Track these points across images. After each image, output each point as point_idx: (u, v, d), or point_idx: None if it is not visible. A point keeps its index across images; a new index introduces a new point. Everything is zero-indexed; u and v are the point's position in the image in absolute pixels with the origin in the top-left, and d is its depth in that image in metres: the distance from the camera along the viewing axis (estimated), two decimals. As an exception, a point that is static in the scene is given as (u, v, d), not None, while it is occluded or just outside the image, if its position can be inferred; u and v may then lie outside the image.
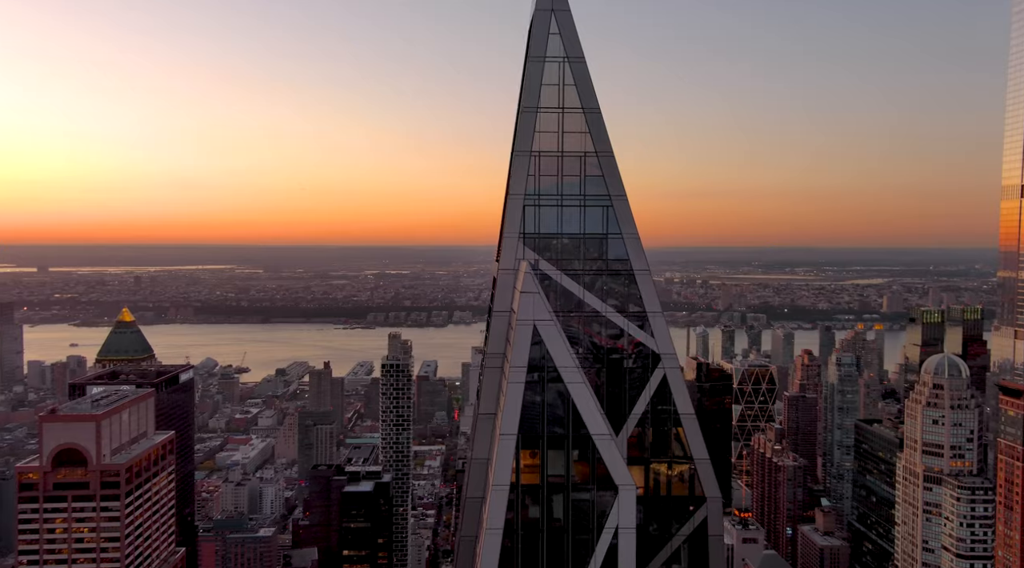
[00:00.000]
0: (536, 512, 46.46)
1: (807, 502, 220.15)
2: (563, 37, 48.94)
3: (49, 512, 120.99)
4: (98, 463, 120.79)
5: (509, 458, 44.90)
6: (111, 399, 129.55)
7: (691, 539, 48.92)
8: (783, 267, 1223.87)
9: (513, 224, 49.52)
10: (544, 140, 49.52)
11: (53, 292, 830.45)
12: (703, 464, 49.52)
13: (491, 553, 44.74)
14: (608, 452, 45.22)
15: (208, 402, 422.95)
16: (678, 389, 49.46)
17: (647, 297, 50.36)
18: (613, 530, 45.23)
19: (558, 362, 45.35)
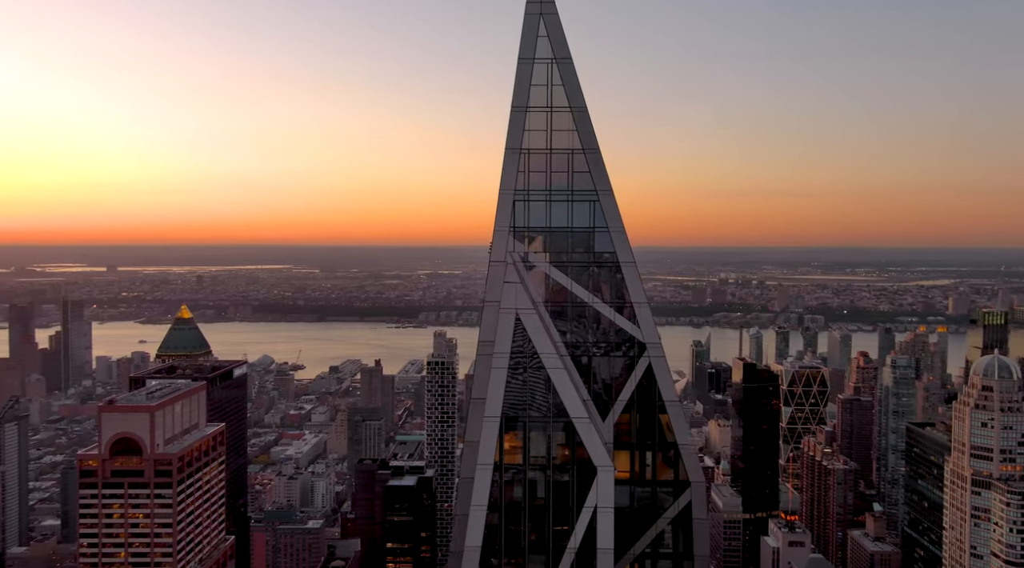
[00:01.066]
0: (520, 491, 48.28)
1: (858, 507, 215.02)
2: (551, 39, 50.98)
3: (107, 498, 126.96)
4: (152, 452, 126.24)
5: (493, 439, 47.18)
6: (165, 391, 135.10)
7: (676, 521, 50.24)
8: (843, 267, 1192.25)
9: (504, 218, 51.68)
10: (534, 138, 51.49)
11: (120, 291, 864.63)
12: (687, 449, 50.98)
13: (476, 528, 46.97)
14: (587, 435, 47.04)
15: (264, 398, 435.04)
16: (663, 376, 50.96)
17: (632, 288, 51.76)
18: (592, 509, 46.87)
19: (540, 349, 47.27)
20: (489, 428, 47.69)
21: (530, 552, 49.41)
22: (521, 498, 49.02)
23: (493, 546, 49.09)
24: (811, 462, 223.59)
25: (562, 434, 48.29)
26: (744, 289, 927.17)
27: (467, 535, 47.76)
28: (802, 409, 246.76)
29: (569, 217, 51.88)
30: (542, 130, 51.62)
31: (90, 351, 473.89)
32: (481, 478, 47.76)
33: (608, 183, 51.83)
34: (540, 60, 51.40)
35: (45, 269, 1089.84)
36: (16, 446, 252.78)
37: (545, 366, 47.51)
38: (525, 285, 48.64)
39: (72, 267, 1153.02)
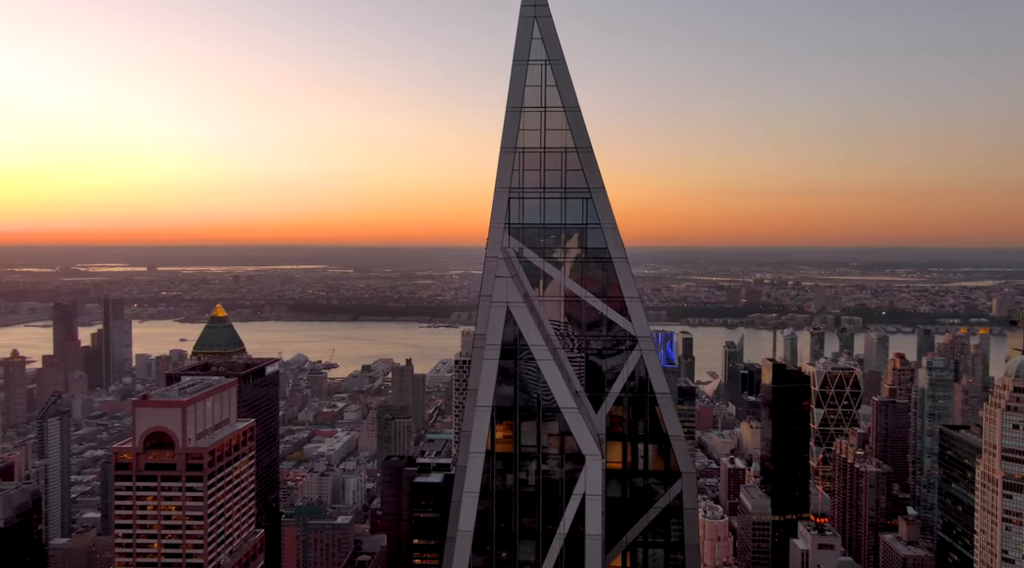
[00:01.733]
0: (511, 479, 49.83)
1: (891, 510, 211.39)
2: (545, 41, 52.44)
3: (141, 490, 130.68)
4: (184, 446, 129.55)
5: (484, 428, 49.00)
6: (196, 387, 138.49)
7: (667, 511, 51.44)
8: (883, 268, 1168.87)
9: (499, 215, 53.10)
10: (528, 137, 52.93)
11: (160, 290, 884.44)
12: (678, 441, 51.75)
13: (468, 514, 48.91)
14: (575, 424, 48.22)
15: (298, 396, 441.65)
16: (654, 369, 51.65)
17: (625, 283, 52.65)
18: (581, 496, 48.22)
19: (530, 341, 48.73)
20: (480, 417, 49.29)
21: (520, 538, 50.67)
22: (512, 486, 50.32)
23: (485, 532, 50.61)
24: (843, 465, 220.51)
25: (552, 424, 49.55)
26: (780, 290, 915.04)
27: (459, 520, 49.38)
28: (834, 411, 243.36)
29: (563, 214, 53.12)
30: (536, 129, 53.01)
31: (130, 349, 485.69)
32: (472, 466, 49.55)
33: (600, 181, 52.95)
34: (534, 62, 52.80)
35: (89, 269, 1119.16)
36: (59, 440, 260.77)
37: (535, 358, 48.65)
38: (518, 279, 50.16)
39: (114, 267, 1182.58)
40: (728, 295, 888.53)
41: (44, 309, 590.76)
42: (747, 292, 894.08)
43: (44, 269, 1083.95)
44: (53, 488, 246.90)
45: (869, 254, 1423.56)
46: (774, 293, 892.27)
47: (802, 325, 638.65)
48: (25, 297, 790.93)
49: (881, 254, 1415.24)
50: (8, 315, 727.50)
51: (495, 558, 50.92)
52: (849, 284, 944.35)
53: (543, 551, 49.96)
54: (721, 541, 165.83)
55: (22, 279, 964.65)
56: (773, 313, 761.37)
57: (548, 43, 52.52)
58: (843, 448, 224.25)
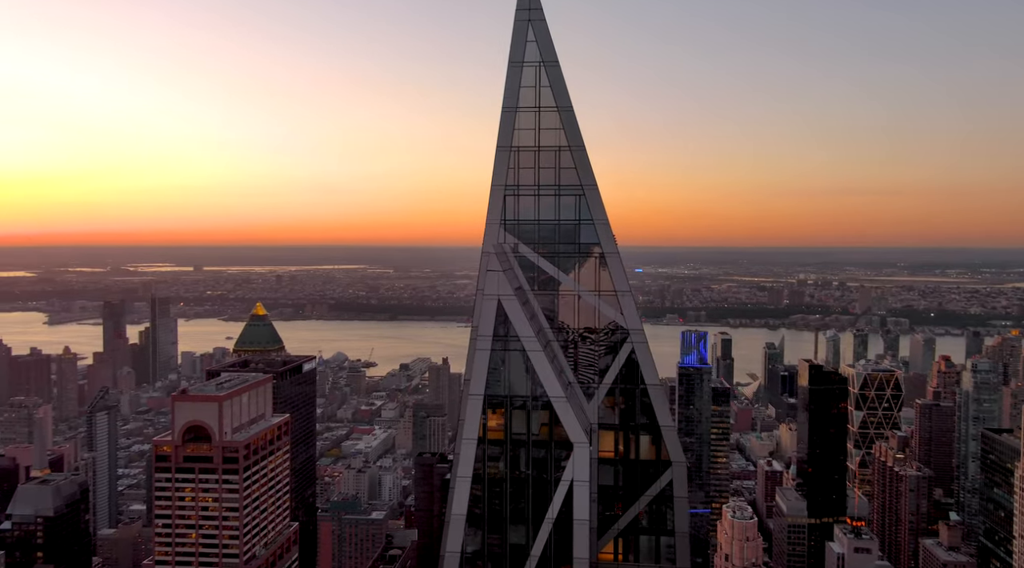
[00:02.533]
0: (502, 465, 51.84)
1: (932, 515, 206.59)
2: (539, 44, 54.18)
3: (180, 482, 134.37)
4: (220, 439, 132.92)
5: (477, 415, 51.04)
6: (233, 382, 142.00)
7: (658, 499, 53.07)
8: (932, 268, 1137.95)
9: (495, 212, 55.16)
10: (523, 136, 54.80)
11: (205, 289, 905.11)
12: (669, 431, 53.13)
13: (461, 498, 51.32)
14: (564, 412, 49.73)
15: (337, 394, 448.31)
16: (645, 361, 53.08)
17: (617, 277, 54.19)
18: (569, 482, 50.03)
19: (519, 332, 50.36)
20: (472, 405, 51.27)
21: (511, 522, 52.44)
22: (503, 471, 52.11)
23: (478, 515, 52.59)
24: (882, 468, 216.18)
25: (541, 412, 51.12)
26: (823, 290, 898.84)
27: (453, 504, 51.60)
28: (874, 413, 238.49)
29: (556, 210, 54.76)
30: (531, 129, 54.78)
31: (176, 346, 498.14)
32: (465, 451, 51.49)
33: (593, 178, 54.45)
34: (529, 63, 54.50)
35: (137, 268, 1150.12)
36: (106, 434, 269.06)
37: (525, 349, 50.26)
38: (512, 273, 52.03)
39: (162, 267, 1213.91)
40: (770, 296, 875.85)
41: (95, 307, 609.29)
42: (789, 293, 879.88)
43: (95, 269, 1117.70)
44: (101, 480, 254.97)
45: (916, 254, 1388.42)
46: (817, 294, 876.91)
47: (846, 326, 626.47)
48: (77, 296, 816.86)
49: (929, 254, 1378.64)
50: (61, 313, 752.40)
51: (487, 541, 52.56)
52: (896, 285, 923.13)
53: (533, 535, 51.55)
54: (750, 541, 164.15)
55: (75, 278, 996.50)
56: (816, 314, 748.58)
57: (542, 45, 54.14)
58: (883, 451, 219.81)
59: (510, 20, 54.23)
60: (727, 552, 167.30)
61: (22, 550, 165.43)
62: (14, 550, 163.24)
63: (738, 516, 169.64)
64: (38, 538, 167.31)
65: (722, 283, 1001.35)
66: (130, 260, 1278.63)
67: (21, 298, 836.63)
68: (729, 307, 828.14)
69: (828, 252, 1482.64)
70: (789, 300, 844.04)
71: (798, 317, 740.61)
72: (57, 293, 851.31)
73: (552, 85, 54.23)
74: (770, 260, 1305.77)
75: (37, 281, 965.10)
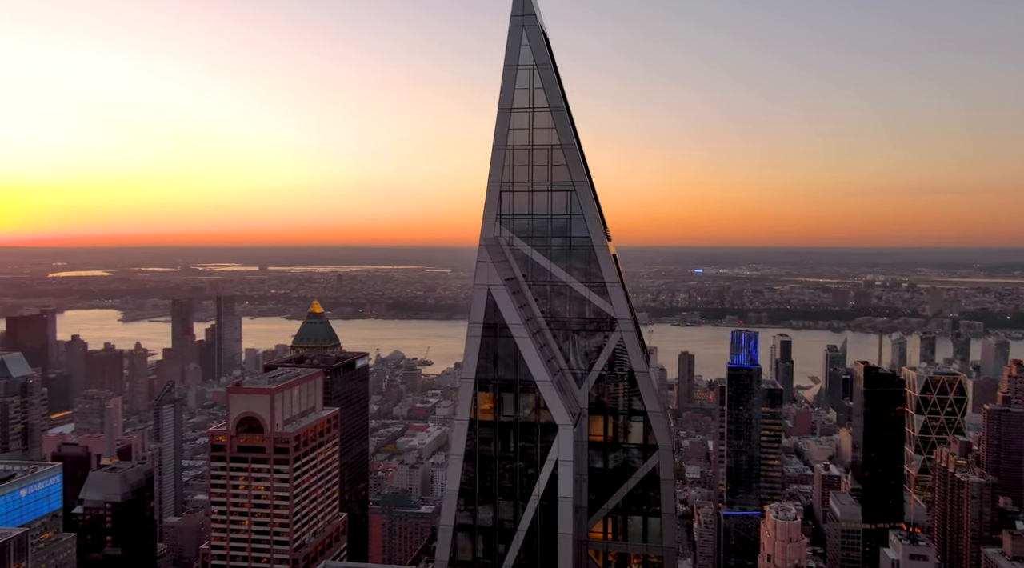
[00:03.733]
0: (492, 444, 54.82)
1: (997, 523, 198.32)
2: (532, 48, 56.86)
3: (234, 470, 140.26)
4: (272, 430, 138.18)
5: (468, 397, 54.83)
6: (285, 376, 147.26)
7: (645, 481, 55.44)
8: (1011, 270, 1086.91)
9: (491, 207, 58.19)
10: (518, 135, 57.54)
11: (270, 288, 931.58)
12: (656, 416, 55.08)
13: (454, 474, 54.54)
14: (549, 396, 52.12)
15: (393, 391, 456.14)
16: (633, 349, 55.08)
17: (605, 269, 56.81)
18: (554, 461, 52.66)
19: (508, 320, 53.30)
20: (465, 388, 55.12)
21: (500, 498, 55.15)
22: (492, 450, 54.90)
23: (469, 491, 55.58)
24: (943, 474, 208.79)
25: (529, 396, 53.57)
26: (892, 292, 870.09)
27: (447, 480, 54.82)
28: (936, 418, 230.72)
29: (549, 205, 57.37)
30: (525, 128, 57.49)
31: (240, 343, 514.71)
32: (458, 431, 54.71)
33: (583, 174, 56.69)
34: (523, 66, 57.24)
35: (206, 268, 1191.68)
36: (172, 426, 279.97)
37: (513, 335, 52.91)
38: (506, 265, 54.97)
39: (229, 266, 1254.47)
40: (835, 297, 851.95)
41: (165, 306, 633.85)
42: (856, 294, 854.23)
43: (167, 269, 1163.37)
44: (167, 470, 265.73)
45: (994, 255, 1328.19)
46: (886, 295, 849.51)
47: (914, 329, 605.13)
48: (149, 294, 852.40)
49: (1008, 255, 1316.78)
50: (135, 311, 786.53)
51: (477, 515, 55.37)
52: (970, 287, 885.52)
53: (521, 511, 54.16)
54: (793, 542, 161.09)
55: (148, 278, 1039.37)
56: (883, 316, 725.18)
57: (535, 49, 56.92)
58: (944, 457, 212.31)
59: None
60: (769, 552, 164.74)
61: (93, 533, 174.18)
62: (85, 533, 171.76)
63: (780, 517, 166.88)
64: (107, 522, 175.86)
65: (785, 284, 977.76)
66: (200, 260, 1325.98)
67: (98, 296, 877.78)
68: (791, 309, 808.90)
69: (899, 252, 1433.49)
70: (855, 302, 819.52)
71: (864, 319, 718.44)
72: (131, 292, 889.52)
73: (545, 86, 56.65)
74: (837, 261, 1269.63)
75: (113, 280, 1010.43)
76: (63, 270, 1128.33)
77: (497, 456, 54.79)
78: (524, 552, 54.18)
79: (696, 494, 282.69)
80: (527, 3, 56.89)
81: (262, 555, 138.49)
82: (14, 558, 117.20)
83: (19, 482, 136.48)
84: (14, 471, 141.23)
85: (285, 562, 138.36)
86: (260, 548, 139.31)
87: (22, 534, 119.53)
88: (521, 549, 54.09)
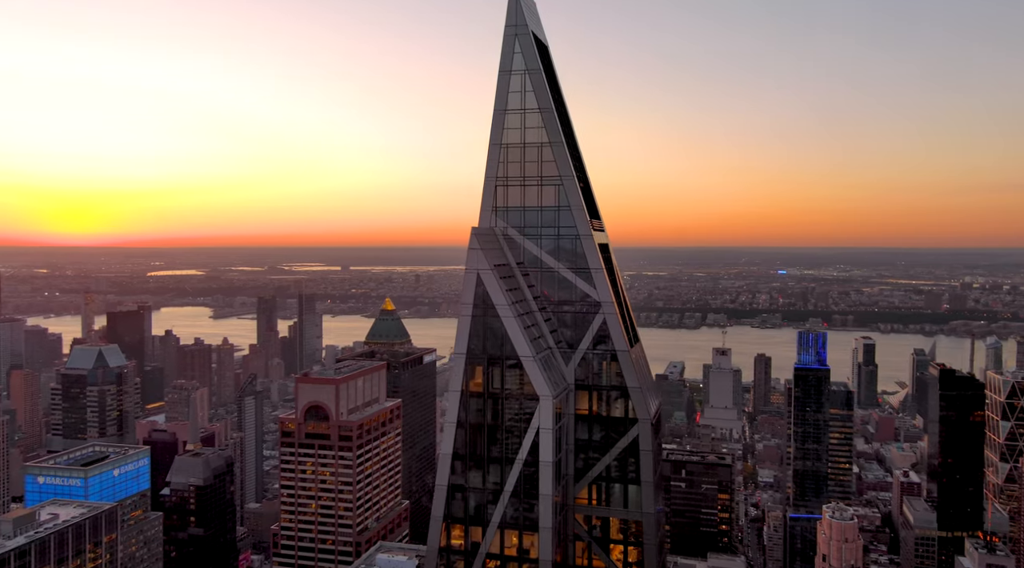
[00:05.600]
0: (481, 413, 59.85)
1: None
2: (524, 55, 62.34)
3: (301, 456, 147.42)
4: (336, 419, 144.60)
5: (460, 371, 59.25)
6: (350, 368, 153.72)
7: (626, 451, 59.24)
8: None
9: (488, 200, 63.74)
10: (511, 135, 62.80)
11: (351, 288, 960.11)
12: (635, 392, 58.72)
13: (448, 439, 59.66)
14: (532, 370, 56.58)
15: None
16: (615, 330, 59.51)
17: (590, 256, 61.23)
18: (536, 429, 56.99)
19: (495, 301, 58.24)
20: (457, 363, 59.14)
21: (488, 462, 59.76)
22: (481, 419, 59.68)
23: (461, 455, 60.49)
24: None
25: (514, 370, 57.86)
26: (992, 295, 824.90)
27: (442, 445, 59.38)
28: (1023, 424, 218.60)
29: (539, 198, 62.43)
30: (517, 128, 62.72)
31: (320, 340, 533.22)
32: (451, 401, 59.67)
33: (570, 170, 61.55)
34: (516, 72, 62.61)
35: (291, 268, 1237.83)
36: (254, 416, 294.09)
37: (500, 315, 57.50)
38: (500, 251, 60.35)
39: (313, 266, 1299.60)
40: (927, 300, 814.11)
41: (252, 303, 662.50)
42: (951, 297, 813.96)
43: (255, 268, 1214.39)
44: (248, 459, 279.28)
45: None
46: (984, 298, 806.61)
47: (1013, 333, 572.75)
48: (238, 293, 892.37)
49: None
50: (224, 308, 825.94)
51: (468, 477, 60.38)
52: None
53: (507, 473, 58.55)
54: (849, 543, 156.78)
55: (237, 277, 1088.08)
56: (980, 320, 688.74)
57: (527, 56, 62.39)
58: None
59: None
60: (824, 552, 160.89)
61: (178, 513, 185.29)
62: (171, 513, 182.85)
63: (836, 517, 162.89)
64: (191, 504, 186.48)
65: (874, 286, 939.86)
66: (286, 260, 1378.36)
67: (191, 294, 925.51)
68: (880, 311, 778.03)
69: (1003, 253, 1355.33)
70: (950, 304, 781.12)
71: (959, 323, 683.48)
72: (221, 290, 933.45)
73: (535, 90, 62.17)
74: (932, 262, 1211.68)
75: (205, 279, 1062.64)
76: (160, 269, 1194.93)
77: (486, 424, 59.45)
78: (509, 510, 59.29)
79: (768, 498, 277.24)
80: (519, 14, 61.90)
81: (327, 537, 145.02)
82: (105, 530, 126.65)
83: (112, 463, 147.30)
84: (108, 453, 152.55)
85: (349, 544, 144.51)
86: (325, 530, 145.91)
87: (112, 508, 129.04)
88: (507, 507, 59.13)
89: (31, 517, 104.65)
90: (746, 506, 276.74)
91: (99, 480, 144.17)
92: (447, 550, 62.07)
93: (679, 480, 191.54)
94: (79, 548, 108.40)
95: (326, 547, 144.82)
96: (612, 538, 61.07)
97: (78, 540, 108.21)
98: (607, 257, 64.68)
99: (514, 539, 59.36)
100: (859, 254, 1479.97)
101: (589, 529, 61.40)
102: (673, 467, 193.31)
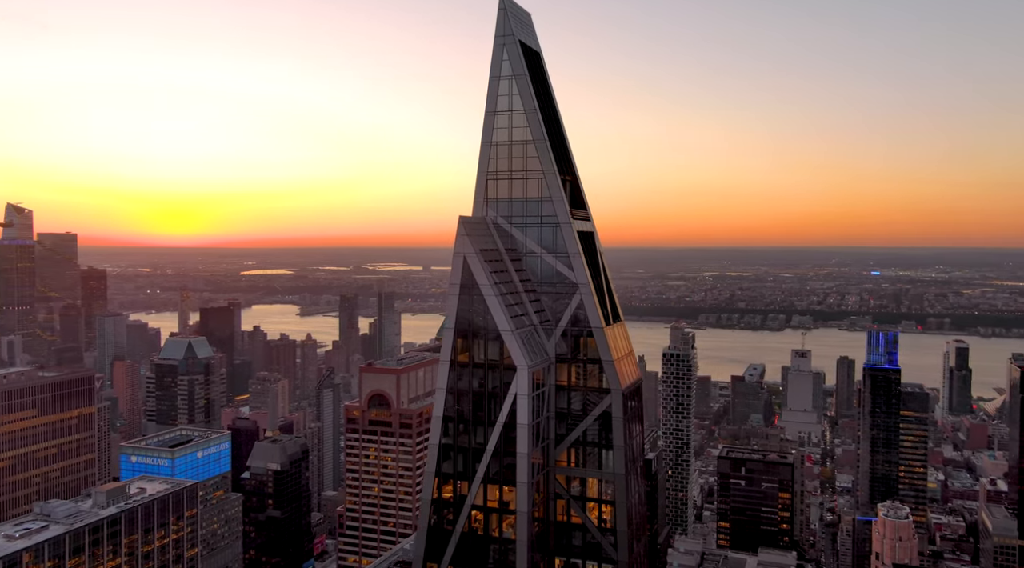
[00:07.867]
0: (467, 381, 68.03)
1: None
2: (511, 61, 69.45)
3: (365, 442, 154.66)
4: (397, 407, 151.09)
5: (449, 343, 67.37)
6: (412, 359, 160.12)
7: (600, 419, 66.29)
8: None
9: (480, 192, 71.54)
10: (500, 134, 70.31)
11: (430, 287, 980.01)
12: (608, 365, 65.31)
13: (439, 405, 67.61)
14: (511, 343, 63.91)
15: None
16: (590, 309, 66.45)
17: (569, 242, 68.37)
18: (514, 395, 64.41)
19: (478, 281, 65.57)
20: (447, 336, 67.17)
21: (473, 425, 67.37)
22: (467, 386, 67.68)
23: (450, 418, 68.44)
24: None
25: (495, 343, 65.23)
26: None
27: (434, 409, 67.25)
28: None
29: (524, 190, 69.89)
30: (506, 128, 69.98)
31: (399, 337, 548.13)
32: (441, 371, 67.59)
33: (552, 164, 68.55)
34: (504, 77, 69.66)
35: (375, 268, 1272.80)
36: (331, 408, 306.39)
37: (483, 294, 65.16)
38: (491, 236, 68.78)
39: (396, 266, 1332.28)
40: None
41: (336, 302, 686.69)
42: (986, 300, 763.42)
43: (341, 268, 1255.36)
44: (326, 448, 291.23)
45: None
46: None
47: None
48: (324, 291, 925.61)
49: None
50: (310, 306, 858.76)
51: (456, 437, 68.61)
52: None
53: (489, 434, 66.04)
54: (903, 541, 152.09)
55: (323, 276, 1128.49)
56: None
57: (513, 62, 69.36)
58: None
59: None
60: (878, 551, 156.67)
61: (257, 496, 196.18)
62: (251, 495, 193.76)
63: (891, 515, 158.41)
64: (269, 487, 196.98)
65: (976, 288, 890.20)
66: (370, 260, 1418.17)
67: (280, 292, 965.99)
68: (980, 314, 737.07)
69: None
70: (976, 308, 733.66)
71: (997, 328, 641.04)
72: (308, 289, 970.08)
73: (520, 93, 69.20)
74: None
75: (294, 278, 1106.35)
76: (252, 268, 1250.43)
77: (472, 390, 67.29)
78: (491, 467, 66.51)
79: (844, 502, 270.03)
80: (507, 25, 69.29)
81: (388, 520, 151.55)
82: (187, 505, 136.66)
83: (196, 445, 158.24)
84: (192, 436, 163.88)
85: (410, 527, 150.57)
86: (387, 513, 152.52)
87: (193, 486, 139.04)
88: (489, 464, 66.36)
89: (122, 490, 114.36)
90: (822, 510, 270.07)
91: (184, 461, 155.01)
92: (438, 501, 69.28)
93: (739, 477, 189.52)
94: (163, 520, 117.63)
95: (388, 528, 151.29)
96: (589, 496, 68.14)
97: (162, 513, 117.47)
98: (590, 244, 71.95)
99: (496, 493, 66.46)
100: (962, 254, 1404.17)
101: (568, 488, 68.59)
102: (732, 464, 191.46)
